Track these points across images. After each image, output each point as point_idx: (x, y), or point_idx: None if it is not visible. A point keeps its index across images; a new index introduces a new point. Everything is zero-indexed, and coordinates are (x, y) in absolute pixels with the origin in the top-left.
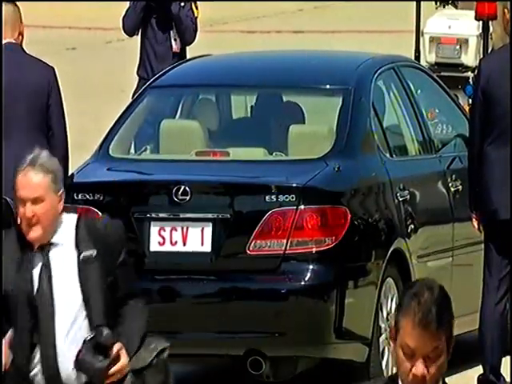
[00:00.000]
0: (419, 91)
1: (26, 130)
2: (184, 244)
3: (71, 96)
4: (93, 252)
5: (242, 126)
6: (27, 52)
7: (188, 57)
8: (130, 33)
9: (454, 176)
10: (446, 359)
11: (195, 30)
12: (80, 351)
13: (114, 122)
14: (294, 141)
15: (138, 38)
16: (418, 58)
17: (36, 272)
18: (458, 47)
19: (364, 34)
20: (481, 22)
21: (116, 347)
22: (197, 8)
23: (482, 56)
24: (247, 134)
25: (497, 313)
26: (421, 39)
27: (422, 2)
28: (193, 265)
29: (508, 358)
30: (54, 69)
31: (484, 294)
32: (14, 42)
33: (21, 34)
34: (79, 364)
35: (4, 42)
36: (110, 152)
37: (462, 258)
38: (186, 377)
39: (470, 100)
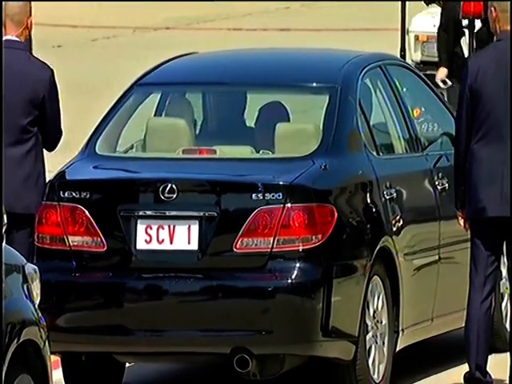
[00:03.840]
0: (405, 89)
1: (12, 129)
2: (171, 242)
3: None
4: None
5: (229, 124)
6: (26, 50)
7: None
8: None
9: (440, 174)
10: None
11: None
12: None
13: (100, 119)
14: (281, 139)
15: (123, 37)
16: (403, 56)
17: None
18: None
19: (350, 32)
20: (466, 21)
21: None
22: None
23: (467, 54)
24: (234, 132)
25: (483, 310)
26: (406, 38)
27: (407, 1)
28: (179, 263)
29: (508, 356)
30: (52, 70)
31: (470, 292)
32: (14, 39)
33: (27, 28)
34: None
35: (5, 38)
36: (97, 150)
37: (448, 255)
38: (172, 375)
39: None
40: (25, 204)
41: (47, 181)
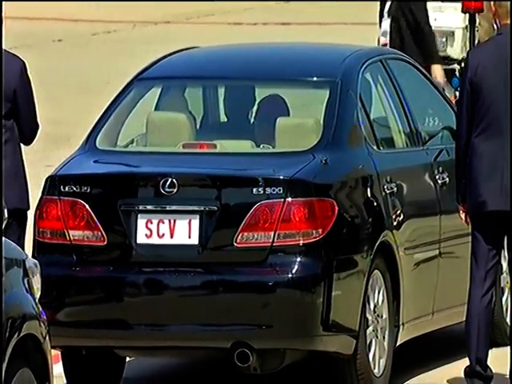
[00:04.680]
0: (406, 84)
1: None
2: (171, 236)
3: (57, 88)
4: None
5: (229, 118)
6: None
7: None
8: None
9: (440, 168)
10: None
11: None
12: None
13: (100, 114)
14: (281, 133)
15: (123, 31)
16: None
17: None
18: (443, 40)
19: (351, 27)
20: (467, 15)
21: None
22: None
23: (468, 49)
24: (234, 126)
25: (483, 304)
26: None
27: None
28: (180, 257)
29: (508, 349)
30: (23, 62)
31: (471, 286)
32: None
33: None
34: None
35: None
36: (97, 144)
37: (449, 250)
38: (172, 369)
39: (457, 92)
40: (4, 199)
41: (48, 175)
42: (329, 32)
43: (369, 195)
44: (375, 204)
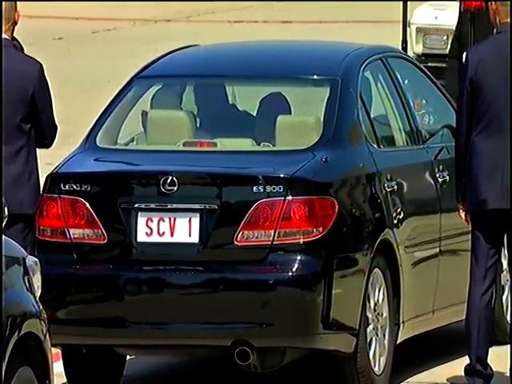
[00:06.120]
0: (406, 82)
1: (4, 128)
2: (171, 235)
3: (57, 86)
4: None
5: (230, 116)
6: (16, 46)
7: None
8: None
9: (441, 166)
10: None
11: None
12: None
13: (100, 112)
14: (282, 131)
15: (123, 29)
16: (405, 48)
17: None
18: (444, 38)
19: (352, 25)
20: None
21: None
22: None
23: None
24: (235, 124)
25: (483, 303)
26: (408, 30)
27: None
28: (180, 256)
29: (508, 348)
30: (41, 65)
31: (471, 284)
32: (5, 37)
33: (16, 23)
34: None
35: None
36: (97, 142)
37: (449, 248)
38: (172, 368)
39: None
40: (16, 203)
41: (48, 174)
42: (330, 30)
43: (369, 193)
44: (376, 202)
